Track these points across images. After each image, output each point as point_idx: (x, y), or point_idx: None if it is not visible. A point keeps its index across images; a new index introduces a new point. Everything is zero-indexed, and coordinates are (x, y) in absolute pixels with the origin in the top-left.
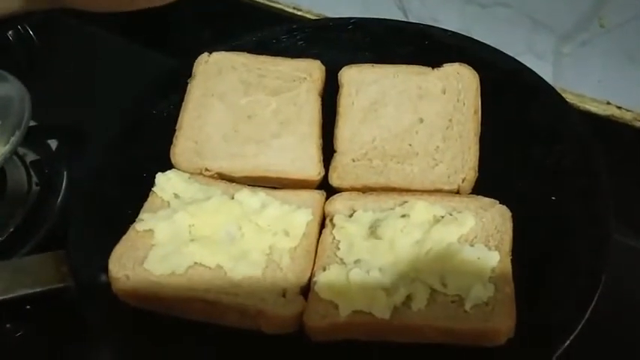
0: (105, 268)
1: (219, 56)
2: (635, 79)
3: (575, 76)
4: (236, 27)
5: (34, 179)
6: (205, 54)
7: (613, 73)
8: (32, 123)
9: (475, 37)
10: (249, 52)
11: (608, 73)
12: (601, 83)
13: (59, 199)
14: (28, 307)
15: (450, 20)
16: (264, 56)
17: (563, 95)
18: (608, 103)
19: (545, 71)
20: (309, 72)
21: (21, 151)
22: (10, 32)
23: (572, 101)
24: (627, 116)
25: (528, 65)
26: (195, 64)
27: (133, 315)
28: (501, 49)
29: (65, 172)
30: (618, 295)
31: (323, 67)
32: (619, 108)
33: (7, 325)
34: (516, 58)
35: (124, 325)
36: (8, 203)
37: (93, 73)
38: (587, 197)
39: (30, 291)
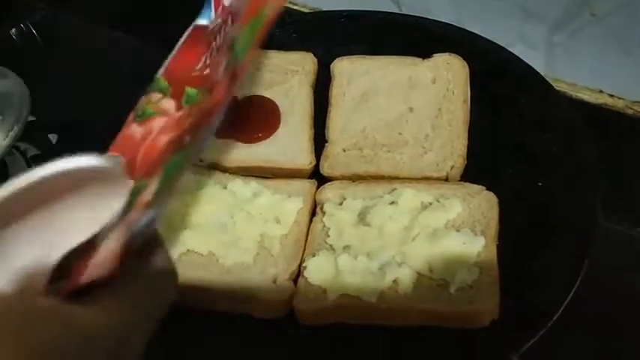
0: None
1: None
2: (627, 67)
3: (567, 65)
4: None
5: None
6: None
7: (605, 61)
8: (32, 118)
9: (467, 28)
10: None
11: (600, 61)
12: (593, 72)
13: None
14: None
15: (442, 12)
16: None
17: (556, 84)
18: (601, 92)
19: (537, 61)
20: (302, 65)
21: (22, 146)
22: (12, 30)
23: (565, 90)
24: (620, 104)
25: (521, 55)
26: None
27: None
28: (493, 40)
29: None
30: (606, 281)
31: (315, 60)
32: (611, 96)
33: None
34: (508, 48)
35: None
36: None
37: (93, 68)
38: (575, 184)
39: None
